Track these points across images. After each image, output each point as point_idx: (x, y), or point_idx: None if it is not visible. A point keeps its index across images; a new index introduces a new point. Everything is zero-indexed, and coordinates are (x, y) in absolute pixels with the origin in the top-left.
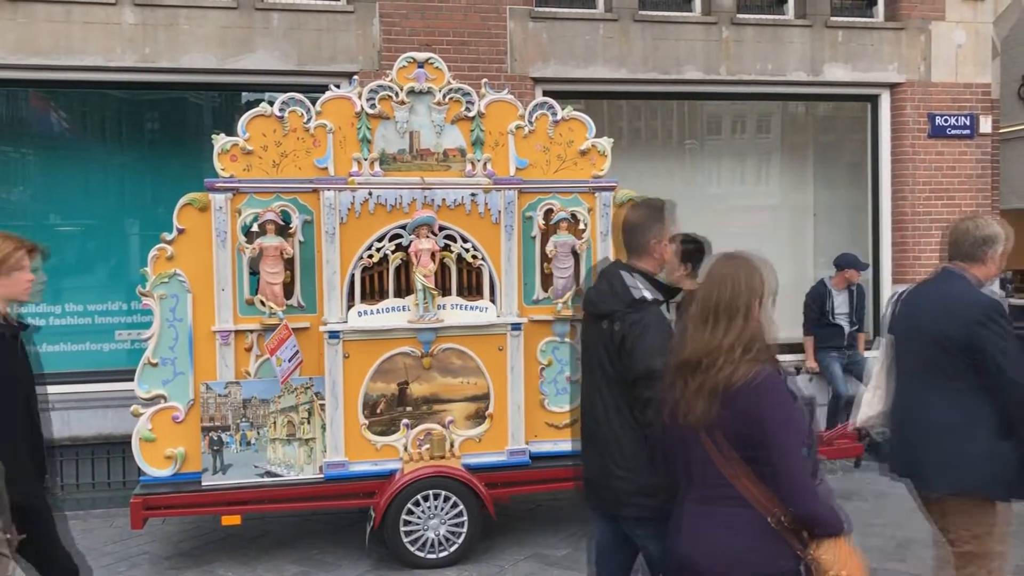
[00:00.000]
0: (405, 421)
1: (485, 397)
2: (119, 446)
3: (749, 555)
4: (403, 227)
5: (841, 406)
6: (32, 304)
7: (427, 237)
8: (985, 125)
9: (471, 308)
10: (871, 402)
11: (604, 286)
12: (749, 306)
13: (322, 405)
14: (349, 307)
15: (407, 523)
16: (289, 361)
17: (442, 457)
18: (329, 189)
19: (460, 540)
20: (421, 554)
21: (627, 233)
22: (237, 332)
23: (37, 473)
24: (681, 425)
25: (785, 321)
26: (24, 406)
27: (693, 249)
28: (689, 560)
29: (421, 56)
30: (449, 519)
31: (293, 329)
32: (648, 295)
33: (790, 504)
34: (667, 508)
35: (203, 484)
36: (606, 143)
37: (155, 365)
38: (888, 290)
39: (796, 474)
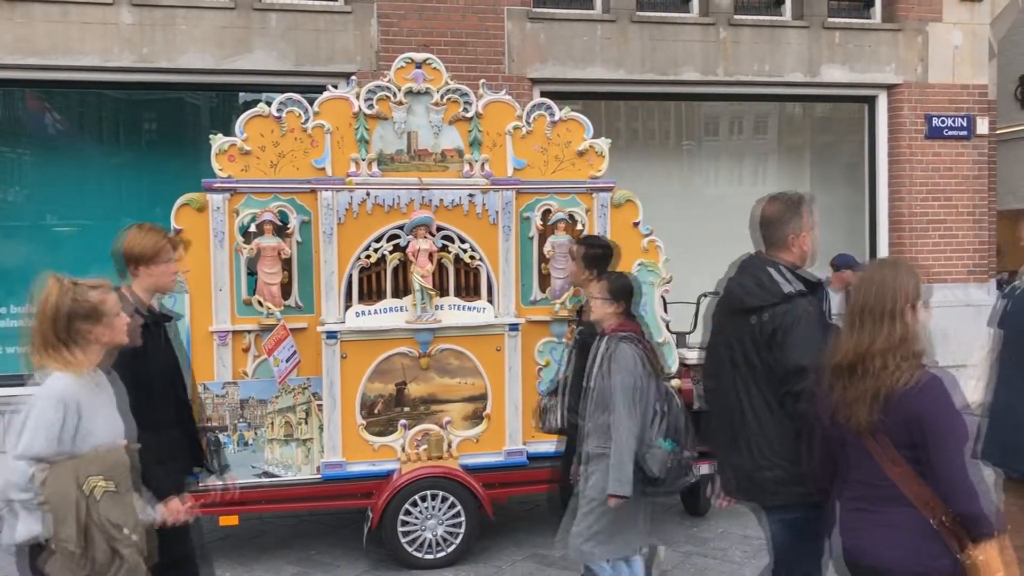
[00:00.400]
0: (403, 421)
1: (483, 397)
2: None
3: (911, 555)
4: (401, 227)
5: None
6: (31, 304)
7: (425, 237)
8: (982, 126)
9: (469, 309)
10: (972, 391)
11: (749, 281)
12: (898, 310)
13: (320, 405)
14: (347, 307)
15: (405, 523)
16: (286, 361)
17: (440, 457)
18: (327, 189)
19: (458, 540)
20: (419, 554)
21: (764, 227)
22: (235, 332)
23: (193, 458)
24: (841, 426)
25: None
26: (172, 393)
27: (600, 254)
28: (852, 555)
29: (419, 57)
30: (447, 519)
31: (291, 329)
32: (795, 288)
33: (952, 504)
34: (814, 498)
35: (200, 484)
36: (604, 144)
37: None
38: None
39: (959, 475)
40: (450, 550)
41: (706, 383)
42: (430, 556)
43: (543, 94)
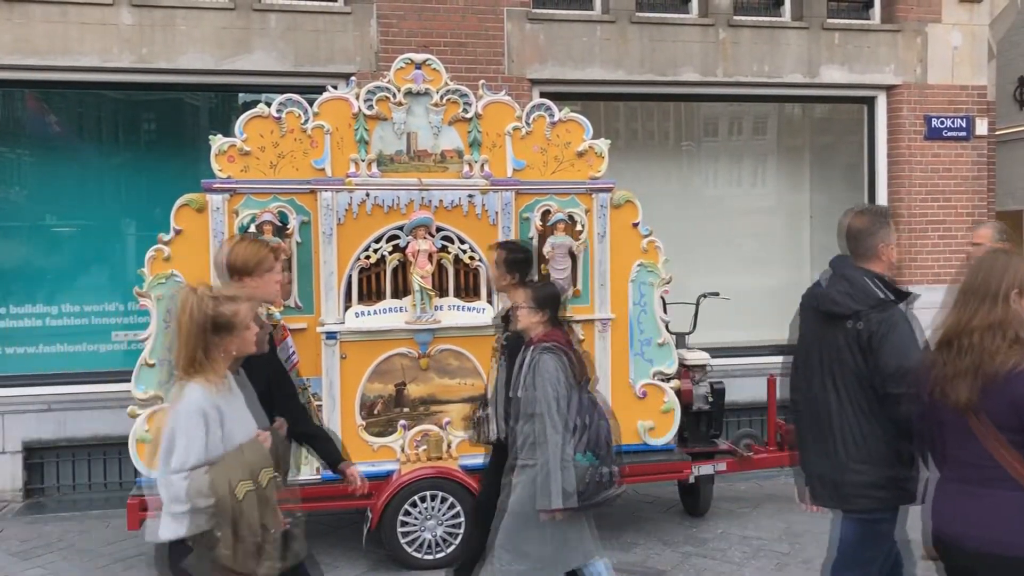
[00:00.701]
0: (402, 422)
1: (482, 398)
2: (115, 447)
3: (1021, 538)
4: (400, 228)
5: None
6: (30, 304)
7: (424, 238)
8: (981, 127)
9: (468, 309)
10: None
11: (844, 287)
12: (1003, 292)
13: (319, 406)
14: (346, 308)
15: (404, 524)
16: (285, 362)
17: (439, 458)
18: (326, 190)
19: (457, 541)
20: (418, 555)
21: (853, 239)
22: None
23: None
24: (941, 406)
25: (782, 322)
26: (272, 400)
27: (521, 258)
28: (954, 540)
29: (419, 57)
30: (446, 520)
31: (290, 330)
32: (887, 296)
33: None
34: (894, 502)
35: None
36: (603, 144)
37: (152, 366)
38: None
39: None
40: (449, 551)
41: (794, 394)
42: (429, 557)
43: (542, 95)
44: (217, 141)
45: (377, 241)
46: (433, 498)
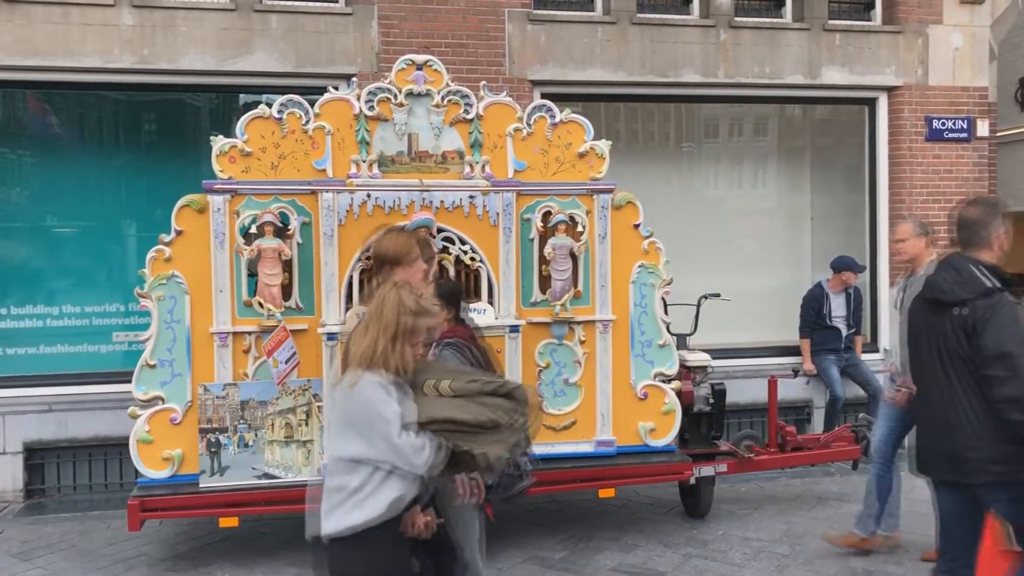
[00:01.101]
0: None
1: None
2: (116, 448)
3: None
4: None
5: (838, 409)
6: (31, 305)
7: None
8: (982, 128)
9: (469, 310)
10: None
11: (951, 276)
12: None
13: (320, 407)
14: (347, 309)
15: None
16: (286, 363)
17: None
18: (327, 191)
19: None
20: None
21: (967, 229)
22: (235, 334)
23: None
24: None
25: (782, 324)
26: None
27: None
28: None
29: (420, 58)
30: None
31: (291, 331)
32: (994, 284)
33: None
34: (1015, 476)
35: (200, 486)
36: (604, 146)
37: (153, 367)
38: (885, 293)
39: None
40: None
41: (914, 376)
42: None
43: (543, 96)
44: (218, 142)
45: None
46: None
